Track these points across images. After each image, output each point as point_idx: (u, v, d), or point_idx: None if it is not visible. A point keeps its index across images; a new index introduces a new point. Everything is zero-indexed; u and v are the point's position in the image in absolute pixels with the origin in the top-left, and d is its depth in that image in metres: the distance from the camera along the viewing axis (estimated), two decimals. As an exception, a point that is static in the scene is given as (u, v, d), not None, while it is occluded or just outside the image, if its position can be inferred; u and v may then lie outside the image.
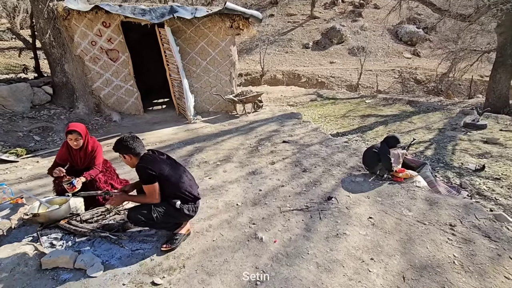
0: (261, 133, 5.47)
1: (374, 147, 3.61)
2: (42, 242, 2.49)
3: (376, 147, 3.58)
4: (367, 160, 3.62)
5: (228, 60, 6.85)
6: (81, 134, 2.97)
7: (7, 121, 5.37)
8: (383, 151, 3.46)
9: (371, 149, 3.60)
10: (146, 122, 6.52)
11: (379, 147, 3.55)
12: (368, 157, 3.60)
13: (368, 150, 3.66)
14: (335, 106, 10.26)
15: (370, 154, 3.58)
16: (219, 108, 7.11)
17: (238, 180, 3.69)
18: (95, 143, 3.16)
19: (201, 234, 2.68)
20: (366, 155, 3.64)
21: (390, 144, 3.55)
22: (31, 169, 4.29)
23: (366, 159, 3.64)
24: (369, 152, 3.60)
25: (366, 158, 3.64)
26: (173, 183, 2.45)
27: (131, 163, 2.48)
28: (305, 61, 18.57)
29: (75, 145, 2.97)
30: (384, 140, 3.61)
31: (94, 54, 6.31)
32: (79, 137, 2.96)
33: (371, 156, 3.55)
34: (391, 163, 3.44)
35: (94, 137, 3.20)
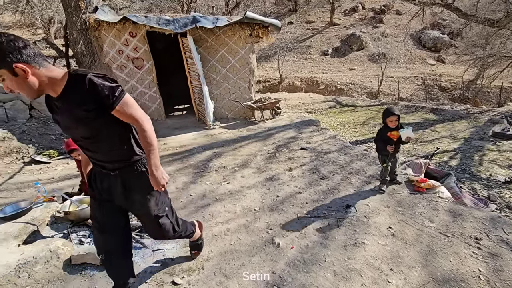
0: (279, 140, 5.52)
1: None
2: (72, 238, 2.66)
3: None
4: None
5: (247, 68, 6.99)
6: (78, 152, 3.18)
7: (41, 125, 5.77)
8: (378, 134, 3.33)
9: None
10: (167, 127, 6.76)
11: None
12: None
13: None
14: (354, 113, 10.13)
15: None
16: (237, 114, 7.25)
17: (256, 186, 3.74)
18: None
19: (219, 237, 2.75)
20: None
21: (383, 121, 3.22)
22: (62, 170, 4.58)
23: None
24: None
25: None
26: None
27: (19, 87, 1.33)
28: (324, 68, 18.50)
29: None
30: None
31: (121, 62, 6.67)
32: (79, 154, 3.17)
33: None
34: (380, 149, 3.30)
35: None
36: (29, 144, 5.17)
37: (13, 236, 2.60)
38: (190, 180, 4.04)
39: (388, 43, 19.51)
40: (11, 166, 4.64)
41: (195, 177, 4.12)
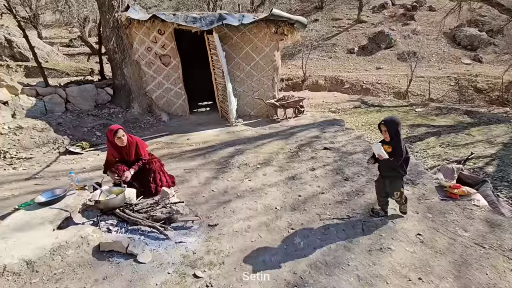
0: (302, 139, 5.43)
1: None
2: (100, 226, 2.78)
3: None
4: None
5: (271, 65, 6.94)
6: (124, 131, 3.30)
7: (75, 117, 6.11)
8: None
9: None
10: (191, 123, 6.89)
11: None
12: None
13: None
14: (380, 114, 9.74)
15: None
16: (260, 112, 7.23)
17: (278, 184, 3.71)
18: (132, 136, 3.49)
19: (240, 234, 2.75)
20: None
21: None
22: (93, 161, 4.81)
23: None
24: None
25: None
26: None
27: None
28: (349, 67, 17.97)
29: (123, 142, 3.29)
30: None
31: (149, 59, 6.88)
32: (124, 134, 3.29)
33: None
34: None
35: (128, 133, 3.52)
36: (64, 136, 5.49)
37: (49, 221, 2.76)
38: (212, 176, 4.08)
39: (419, 41, 18.55)
40: (48, 156, 4.95)
41: (217, 173, 4.16)
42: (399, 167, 2.61)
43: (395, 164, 2.57)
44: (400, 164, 2.59)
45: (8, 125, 5.19)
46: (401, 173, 2.66)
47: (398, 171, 2.64)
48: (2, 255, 2.32)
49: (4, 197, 3.53)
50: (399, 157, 2.53)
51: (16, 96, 5.69)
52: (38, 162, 4.65)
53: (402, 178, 2.70)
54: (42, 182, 3.97)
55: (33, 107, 5.82)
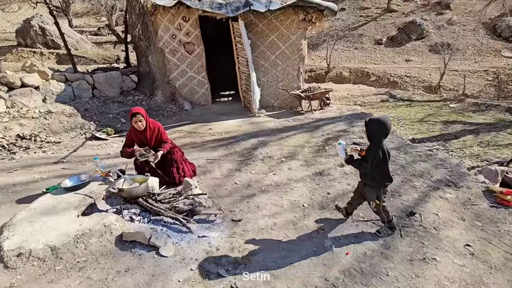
0: (328, 132, 5.13)
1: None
2: (123, 215, 2.71)
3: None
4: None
5: (297, 55, 6.60)
6: (143, 115, 3.16)
7: (101, 104, 6.14)
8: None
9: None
10: (213, 113, 6.75)
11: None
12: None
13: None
14: (410, 108, 9.13)
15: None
16: (283, 103, 6.95)
17: (304, 180, 3.48)
18: (154, 122, 3.35)
19: (266, 231, 2.57)
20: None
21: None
22: (117, 147, 4.79)
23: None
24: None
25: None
26: None
27: None
28: (376, 58, 17.06)
29: (140, 127, 3.17)
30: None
31: (173, 46, 6.75)
32: (142, 118, 3.17)
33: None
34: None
35: (152, 119, 3.38)
36: (91, 121, 5.53)
37: (74, 207, 2.72)
38: (235, 168, 3.92)
39: (454, 31, 17.19)
40: (75, 140, 5.00)
41: (240, 165, 3.99)
42: (368, 175, 2.30)
43: (364, 169, 2.27)
44: (369, 172, 2.26)
45: (39, 109, 5.28)
46: (375, 183, 2.31)
47: (373, 180, 2.32)
48: (28, 239, 2.29)
49: (33, 179, 3.56)
50: (365, 164, 2.23)
51: (46, 81, 5.78)
52: (65, 146, 4.70)
53: (379, 189, 2.32)
54: (69, 167, 3.98)
55: (62, 92, 5.90)
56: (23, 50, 12.96)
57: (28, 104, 5.28)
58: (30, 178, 3.58)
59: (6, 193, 3.22)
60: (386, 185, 2.32)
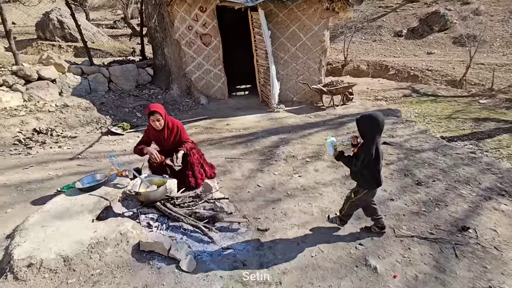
0: (354, 130, 4.72)
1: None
2: (140, 220, 2.46)
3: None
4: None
5: (319, 46, 6.16)
6: (162, 114, 2.88)
7: (117, 97, 5.94)
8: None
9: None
10: (230, 107, 6.45)
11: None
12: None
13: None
14: (436, 104, 8.52)
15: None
16: (303, 98, 6.55)
17: (333, 184, 3.13)
18: (174, 121, 3.06)
19: (297, 244, 2.26)
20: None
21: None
22: (133, 143, 4.56)
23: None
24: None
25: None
26: None
27: None
28: (395, 51, 16.22)
29: (158, 126, 2.89)
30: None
31: (190, 38, 6.44)
32: (160, 117, 2.89)
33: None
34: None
35: (172, 117, 3.10)
36: (107, 116, 5.34)
37: (88, 210, 2.49)
38: (257, 168, 3.62)
39: (481, 22, 16.07)
40: (91, 135, 4.82)
41: (261, 165, 3.68)
42: (358, 174, 2.12)
43: (354, 167, 2.09)
44: (358, 171, 2.08)
45: (56, 102, 5.12)
46: (363, 183, 2.14)
47: (363, 180, 2.13)
48: (40, 247, 2.08)
49: (48, 177, 3.38)
50: (355, 161, 2.04)
51: (63, 74, 5.62)
52: (81, 141, 4.52)
53: (363, 188, 2.15)
54: (85, 163, 3.79)
55: (78, 85, 5.72)
56: (42, 43, 12.99)
57: (44, 98, 5.13)
58: (45, 175, 3.40)
59: (20, 191, 3.05)
60: (375, 188, 2.15)
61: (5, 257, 2.11)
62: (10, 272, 1.93)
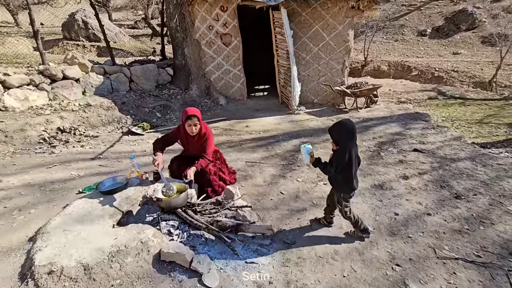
0: (380, 135, 4.45)
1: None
2: (161, 228, 2.36)
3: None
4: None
5: (343, 47, 5.89)
6: (199, 120, 2.74)
7: (138, 97, 5.94)
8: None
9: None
10: (249, 108, 6.30)
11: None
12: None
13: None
14: (465, 108, 8.00)
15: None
16: (325, 100, 6.30)
17: (362, 193, 2.91)
18: (207, 129, 2.91)
19: (326, 261, 2.07)
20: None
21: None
22: (153, 143, 4.53)
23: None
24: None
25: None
26: None
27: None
28: (418, 51, 15.55)
29: (193, 131, 2.76)
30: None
31: (210, 38, 6.34)
32: (198, 122, 2.75)
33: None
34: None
35: (205, 123, 2.95)
36: (127, 115, 5.34)
37: (109, 214, 2.42)
38: (279, 173, 3.45)
39: (513, 21, 15.09)
40: (112, 135, 4.82)
41: (283, 170, 3.51)
42: (333, 179, 2.21)
43: (328, 174, 2.16)
44: (333, 176, 2.18)
45: (79, 102, 5.17)
46: (338, 188, 2.21)
47: (337, 185, 2.22)
48: (61, 253, 2.01)
49: (70, 177, 3.37)
50: (329, 168, 2.09)
51: (86, 73, 5.67)
52: (103, 141, 4.52)
53: (340, 195, 2.20)
54: (106, 164, 3.76)
55: (101, 85, 5.76)
56: (68, 43, 13.36)
57: (68, 97, 5.19)
58: (67, 175, 3.39)
59: (44, 191, 3.04)
60: (349, 193, 2.19)
61: (27, 261, 2.07)
62: (31, 279, 1.87)
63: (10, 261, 2.09)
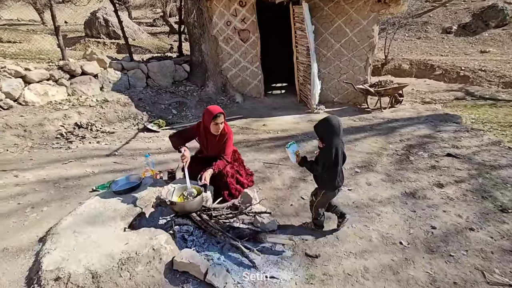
0: (408, 137, 4.10)
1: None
2: (175, 233, 2.18)
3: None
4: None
5: (367, 43, 5.52)
6: (224, 119, 2.55)
7: (154, 94, 5.84)
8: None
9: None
10: (266, 107, 6.07)
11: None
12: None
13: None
14: (497, 109, 7.39)
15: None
16: (345, 99, 5.97)
17: (392, 202, 2.62)
18: (228, 128, 2.71)
19: (356, 280, 1.82)
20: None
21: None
22: (168, 141, 4.37)
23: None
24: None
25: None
26: None
27: None
28: (443, 49, 14.73)
29: (217, 130, 2.57)
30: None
31: (228, 34, 6.14)
32: (223, 121, 2.56)
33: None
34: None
35: (226, 122, 2.75)
36: (143, 112, 5.24)
37: (121, 216, 2.27)
38: (299, 176, 3.20)
39: (549, 17, 13.99)
40: (128, 131, 4.73)
41: (303, 173, 3.26)
42: (318, 177, 2.13)
43: (315, 172, 2.08)
44: (318, 175, 2.12)
45: (97, 97, 5.12)
46: (325, 187, 2.12)
47: (324, 184, 2.12)
48: (69, 257, 1.87)
49: (85, 174, 3.27)
50: (316, 166, 2.01)
51: (104, 69, 5.62)
52: (119, 137, 4.43)
53: (321, 190, 2.14)
54: (120, 161, 3.65)
55: (118, 81, 5.71)
56: (89, 40, 13.59)
57: (87, 92, 5.15)
58: (82, 172, 3.30)
59: (58, 188, 2.95)
60: (333, 191, 2.12)
61: (35, 264, 1.95)
62: (37, 285, 1.74)
63: (19, 262, 1.98)
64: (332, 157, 1.95)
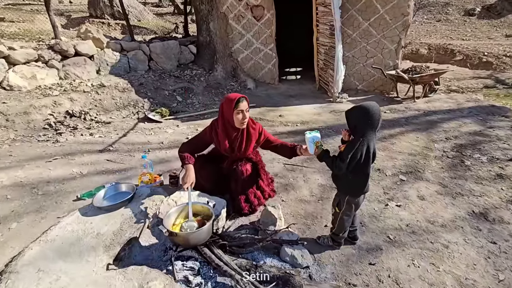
0: (455, 135, 3.33)
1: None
2: (176, 274, 1.54)
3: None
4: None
5: (400, 21, 4.61)
6: (248, 106, 1.86)
7: (157, 78, 5.09)
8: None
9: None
10: (281, 94, 5.28)
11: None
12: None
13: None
14: (535, 99, 6.46)
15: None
16: (371, 86, 5.13)
17: (460, 227, 1.92)
18: (254, 122, 2.03)
19: None
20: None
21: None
22: (172, 133, 3.71)
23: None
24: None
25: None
26: None
27: None
28: (465, 33, 13.42)
29: (243, 120, 1.86)
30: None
31: (239, 11, 5.26)
32: (247, 108, 1.87)
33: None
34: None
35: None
36: (145, 98, 4.52)
37: (104, 245, 1.64)
38: (329, 184, 2.51)
39: None
40: (126, 121, 4.05)
41: (334, 179, 2.56)
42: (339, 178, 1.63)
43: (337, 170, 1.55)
44: (341, 176, 1.60)
45: (92, 82, 4.40)
46: (342, 188, 1.66)
47: (346, 186, 1.63)
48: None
49: (71, 175, 2.63)
50: (339, 163, 1.51)
51: (101, 50, 4.85)
52: (115, 128, 3.76)
53: (343, 194, 1.65)
54: (115, 158, 2.99)
55: (117, 63, 4.95)
56: (93, 21, 12.66)
57: (81, 76, 4.43)
58: (68, 173, 2.66)
59: (35, 195, 2.32)
60: (359, 196, 1.63)
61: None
62: None
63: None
64: (362, 154, 1.48)
